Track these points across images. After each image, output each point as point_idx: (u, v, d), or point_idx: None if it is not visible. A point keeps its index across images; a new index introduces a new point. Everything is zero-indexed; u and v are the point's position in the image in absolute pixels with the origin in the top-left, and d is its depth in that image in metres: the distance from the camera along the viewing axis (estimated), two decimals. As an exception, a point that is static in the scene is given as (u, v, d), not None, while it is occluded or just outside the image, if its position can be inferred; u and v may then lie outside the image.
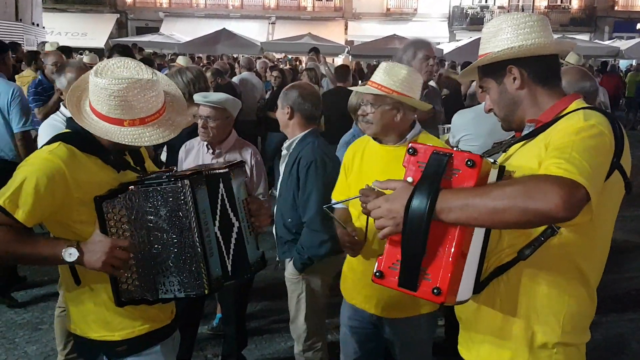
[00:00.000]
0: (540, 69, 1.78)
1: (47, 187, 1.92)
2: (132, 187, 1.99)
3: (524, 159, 1.71)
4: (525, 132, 1.82)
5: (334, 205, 2.71)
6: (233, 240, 2.16)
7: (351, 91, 3.83)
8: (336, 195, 2.82)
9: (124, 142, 1.98)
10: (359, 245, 2.53)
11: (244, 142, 3.62)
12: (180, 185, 1.95)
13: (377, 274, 1.62)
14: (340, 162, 2.96)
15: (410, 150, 1.60)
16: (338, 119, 5.44)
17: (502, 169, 1.65)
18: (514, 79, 1.78)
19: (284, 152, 3.35)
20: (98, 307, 2.11)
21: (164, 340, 2.25)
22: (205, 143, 3.49)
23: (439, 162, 1.52)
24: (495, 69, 1.80)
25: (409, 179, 1.57)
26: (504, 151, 1.84)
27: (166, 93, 2.14)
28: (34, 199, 1.90)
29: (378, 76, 2.55)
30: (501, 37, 1.78)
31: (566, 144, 1.55)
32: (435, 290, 1.52)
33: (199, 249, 1.97)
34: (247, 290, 3.75)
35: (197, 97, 3.43)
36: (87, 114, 2.04)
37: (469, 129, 3.53)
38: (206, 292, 1.99)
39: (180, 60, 10.05)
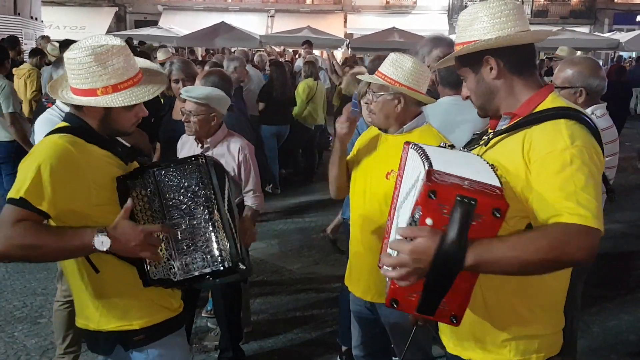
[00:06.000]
0: (516, 59, 1.79)
1: (62, 171, 1.89)
2: (153, 168, 2.04)
3: (502, 156, 1.74)
4: (501, 124, 1.85)
5: None
6: (236, 227, 2.19)
7: None
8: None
9: (102, 105, 1.98)
10: None
11: (233, 137, 3.56)
12: (200, 162, 2.04)
13: (394, 304, 1.60)
14: None
15: (432, 195, 1.45)
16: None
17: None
18: (491, 69, 1.79)
19: None
20: (118, 296, 2.10)
21: (179, 329, 2.27)
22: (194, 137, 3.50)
23: (466, 211, 1.45)
24: (472, 59, 1.81)
25: (428, 221, 1.48)
26: (486, 144, 1.86)
27: (143, 69, 2.13)
28: (52, 186, 1.86)
29: (384, 67, 2.61)
30: (477, 27, 1.78)
31: (566, 179, 1.57)
32: (453, 319, 1.58)
33: (219, 223, 2.02)
34: (238, 286, 3.75)
35: (182, 91, 3.43)
36: (67, 96, 2.04)
37: None
38: (229, 264, 2.02)
39: (161, 54, 9.77)
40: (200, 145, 3.48)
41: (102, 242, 1.85)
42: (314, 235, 6.63)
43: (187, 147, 3.60)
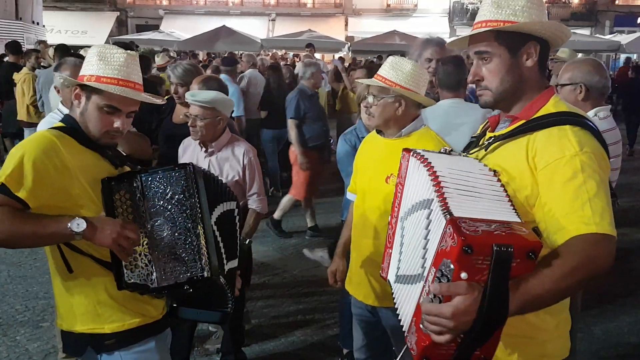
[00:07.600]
0: (546, 54, 1.74)
1: (44, 162, 1.94)
2: (140, 173, 2.05)
3: (504, 161, 1.71)
4: (500, 126, 1.81)
5: None
6: (228, 243, 2.22)
7: None
8: (350, 188, 2.97)
9: (68, 78, 2.13)
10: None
11: (237, 140, 3.56)
12: (185, 171, 2.04)
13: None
14: None
15: (468, 250, 1.36)
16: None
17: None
18: (531, 56, 1.71)
19: None
20: (89, 298, 2.11)
21: (158, 335, 2.24)
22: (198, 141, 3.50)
23: (505, 261, 1.38)
24: (513, 38, 1.70)
25: (463, 275, 1.40)
26: (486, 148, 1.80)
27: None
28: (33, 175, 1.91)
29: (384, 69, 2.61)
30: (518, 7, 1.67)
31: (578, 186, 1.56)
32: None
33: (201, 231, 2.01)
34: (240, 290, 3.76)
35: (187, 95, 3.43)
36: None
37: None
38: (207, 274, 1.99)
39: (159, 58, 9.86)
40: (204, 149, 3.48)
41: (77, 224, 1.88)
42: (315, 238, 6.64)
43: (189, 151, 3.59)
